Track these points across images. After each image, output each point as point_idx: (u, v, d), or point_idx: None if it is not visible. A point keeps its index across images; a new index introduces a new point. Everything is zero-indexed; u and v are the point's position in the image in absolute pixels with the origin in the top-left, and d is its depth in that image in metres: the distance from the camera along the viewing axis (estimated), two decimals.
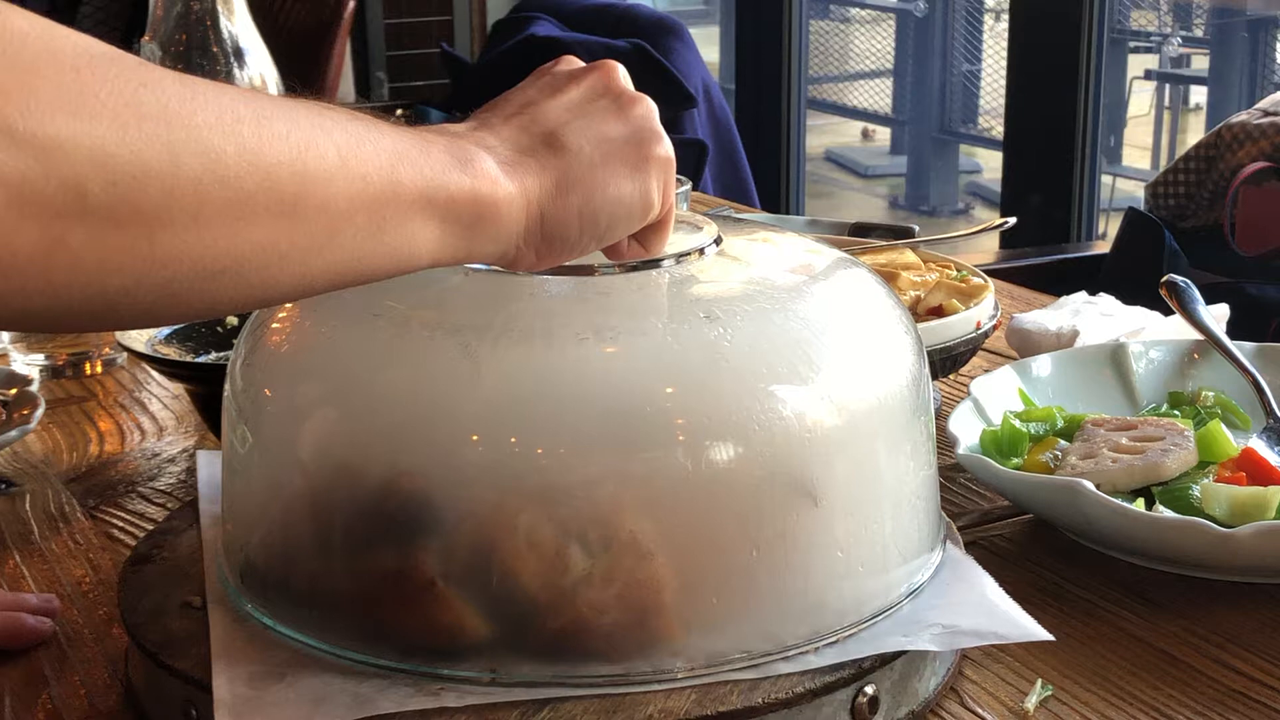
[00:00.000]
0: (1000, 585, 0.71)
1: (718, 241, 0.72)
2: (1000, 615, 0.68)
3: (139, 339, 1.00)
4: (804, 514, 0.64)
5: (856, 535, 0.66)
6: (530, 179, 0.60)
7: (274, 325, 0.70)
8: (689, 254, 0.70)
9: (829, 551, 0.65)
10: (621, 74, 0.66)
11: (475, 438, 0.63)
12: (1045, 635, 0.67)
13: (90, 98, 0.46)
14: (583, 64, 0.66)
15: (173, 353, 1.00)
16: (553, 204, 0.61)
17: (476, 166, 0.58)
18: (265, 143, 0.51)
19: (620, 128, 0.63)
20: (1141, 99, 4.99)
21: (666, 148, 0.65)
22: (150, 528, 0.85)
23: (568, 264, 0.64)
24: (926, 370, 0.72)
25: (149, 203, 0.48)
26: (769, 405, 0.63)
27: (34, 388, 1.04)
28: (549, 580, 0.62)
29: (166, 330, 1.02)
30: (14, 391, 1.04)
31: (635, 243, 0.67)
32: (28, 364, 1.18)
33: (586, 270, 0.67)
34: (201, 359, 1.00)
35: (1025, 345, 1.10)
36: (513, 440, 0.62)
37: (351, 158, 0.54)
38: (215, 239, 0.50)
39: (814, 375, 0.65)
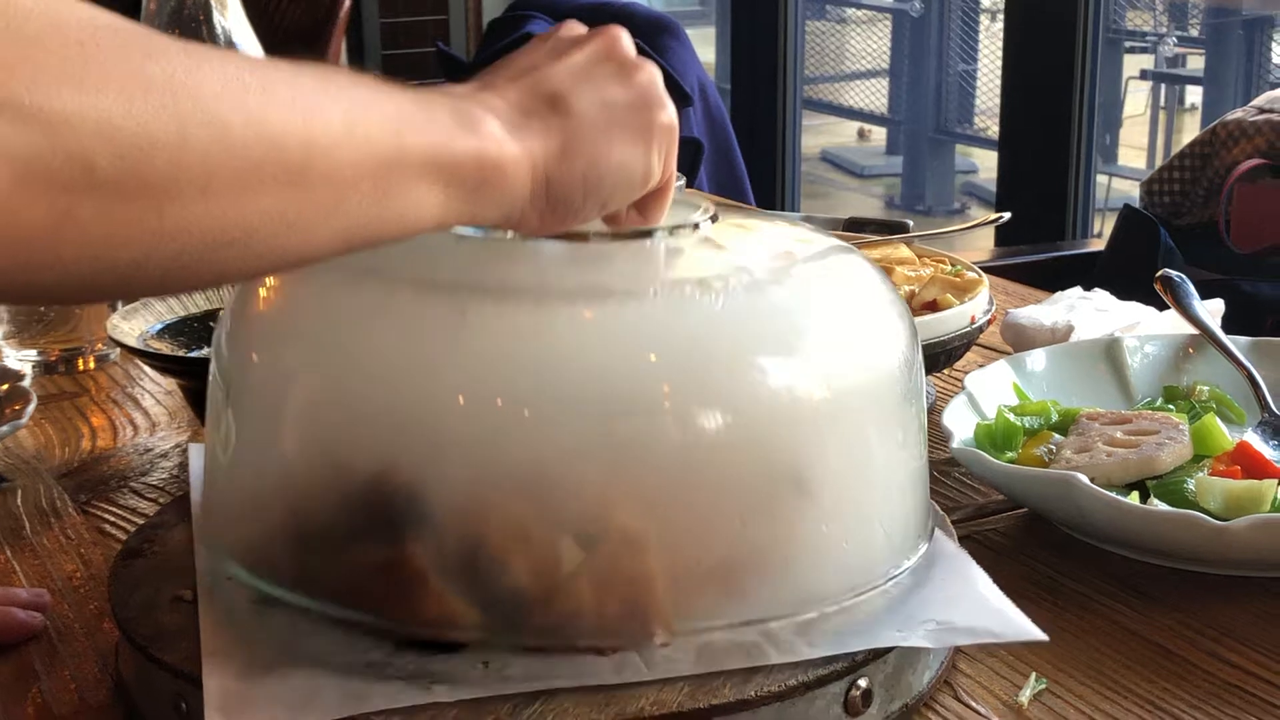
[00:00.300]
0: (994, 579, 0.70)
1: (714, 218, 0.72)
2: (995, 613, 0.68)
3: (131, 334, 1.00)
4: (797, 502, 0.64)
5: (849, 526, 0.66)
6: (536, 141, 0.59)
7: (261, 292, 0.70)
8: (685, 226, 0.69)
9: (823, 542, 0.65)
10: (625, 40, 0.65)
11: (464, 416, 0.62)
12: (1039, 635, 0.66)
13: (96, 70, 0.46)
14: (585, 29, 0.65)
15: (165, 348, 1.00)
16: (558, 167, 0.60)
17: (481, 128, 0.57)
18: (271, 111, 0.50)
19: (624, 93, 0.62)
20: (1137, 99, 5.00)
21: (670, 115, 0.64)
22: (142, 523, 0.85)
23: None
24: (919, 356, 0.72)
25: (157, 175, 0.47)
26: (758, 380, 0.63)
27: (26, 383, 1.04)
28: (541, 570, 0.62)
29: (158, 325, 1.02)
30: (6, 387, 1.03)
31: (634, 211, 0.66)
32: (20, 359, 1.17)
33: (580, 237, 0.66)
34: (194, 354, 1.00)
35: (1020, 340, 1.10)
36: (499, 405, 0.62)
37: (357, 123, 0.53)
38: (224, 210, 0.49)
39: (805, 352, 0.65)
